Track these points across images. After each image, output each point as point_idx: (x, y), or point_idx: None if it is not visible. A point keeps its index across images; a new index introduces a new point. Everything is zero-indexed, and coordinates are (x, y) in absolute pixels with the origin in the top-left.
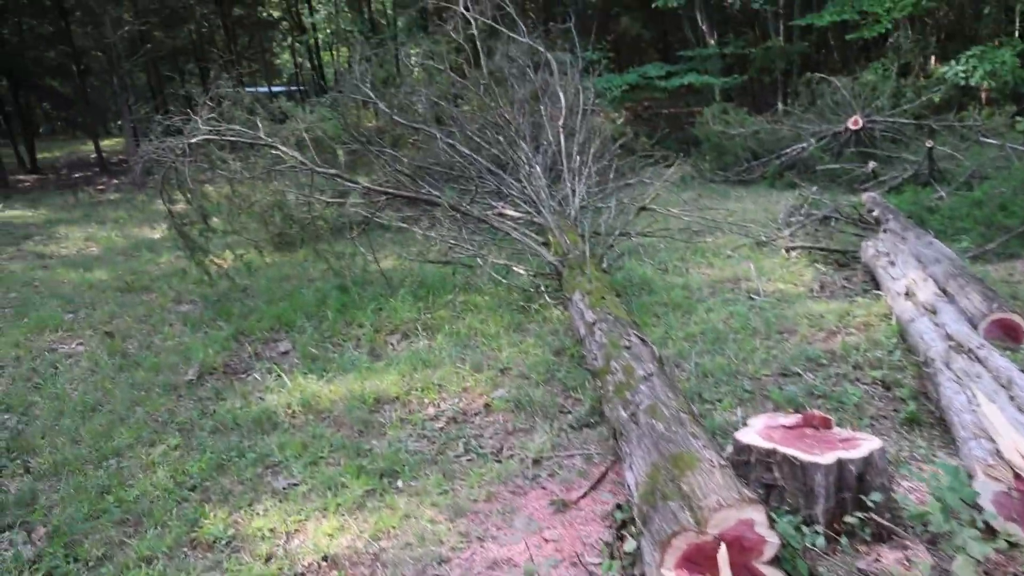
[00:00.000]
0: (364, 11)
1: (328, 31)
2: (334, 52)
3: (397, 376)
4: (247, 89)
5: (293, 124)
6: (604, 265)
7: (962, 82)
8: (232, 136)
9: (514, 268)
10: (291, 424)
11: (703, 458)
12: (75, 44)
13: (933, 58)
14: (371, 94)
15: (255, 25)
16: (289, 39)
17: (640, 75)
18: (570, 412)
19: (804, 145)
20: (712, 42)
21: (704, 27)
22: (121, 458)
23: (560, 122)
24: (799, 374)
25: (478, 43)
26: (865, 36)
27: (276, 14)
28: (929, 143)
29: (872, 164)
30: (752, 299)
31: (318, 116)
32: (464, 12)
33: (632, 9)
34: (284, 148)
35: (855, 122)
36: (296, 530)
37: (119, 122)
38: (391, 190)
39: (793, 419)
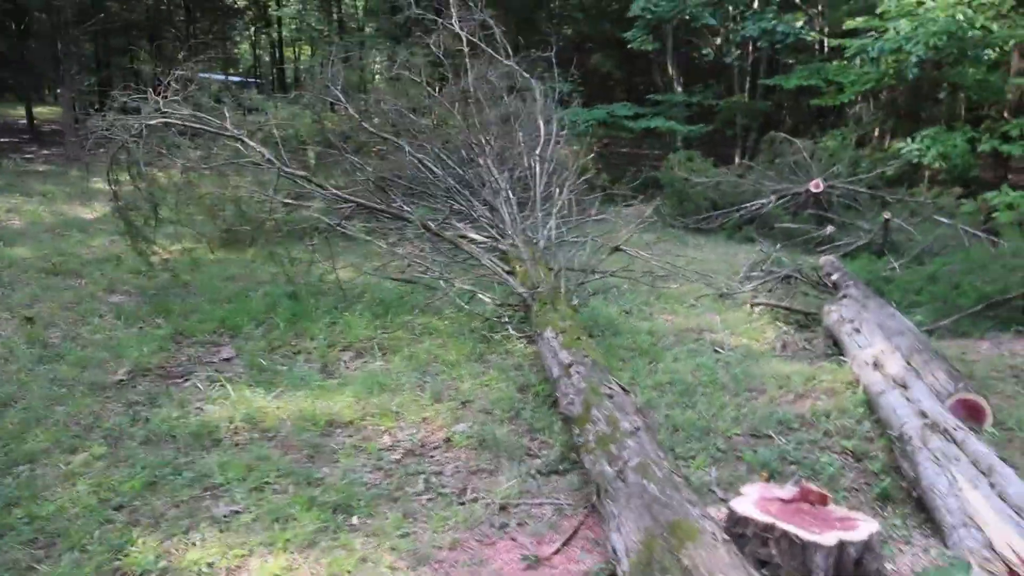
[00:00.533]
0: (333, 12)
1: (293, 27)
2: (296, 49)
3: (351, 398)
4: (202, 75)
5: (262, 118)
6: (574, 302)
7: (915, 159)
8: (196, 123)
9: (479, 295)
10: (234, 442)
11: (704, 529)
12: (17, 1)
13: (885, 133)
14: (341, 96)
15: (218, 10)
16: (252, 29)
17: (609, 113)
18: (537, 456)
19: (764, 201)
20: (679, 89)
21: (673, 74)
22: (35, 465)
23: (538, 151)
24: (770, 436)
25: (467, 59)
26: (826, 104)
27: (241, 2)
28: (887, 215)
29: (831, 228)
30: (717, 352)
31: (290, 113)
32: (451, 26)
33: (607, 47)
34: (252, 143)
35: (816, 185)
36: (238, 566)
37: (58, 90)
38: (361, 200)
39: (789, 492)
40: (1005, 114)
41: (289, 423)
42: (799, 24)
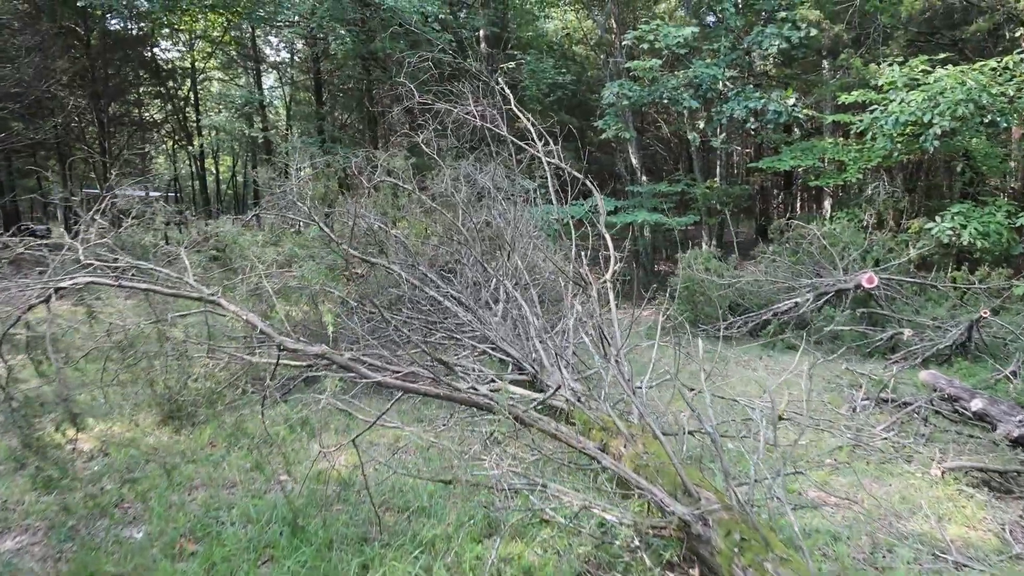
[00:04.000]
0: (255, 120)
1: (212, 138)
2: (216, 161)
3: None
4: (125, 191)
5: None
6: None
7: (947, 240)
8: (139, 282)
9: (599, 513)
10: None
11: None
12: None
13: (901, 212)
14: (314, 216)
15: (135, 124)
16: (171, 143)
17: (588, 209)
18: None
19: (799, 300)
20: (644, 179)
21: (637, 163)
22: None
23: (609, 274)
24: None
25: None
26: (829, 184)
27: (158, 116)
28: (985, 312)
29: (908, 331)
30: (957, 565)
31: (314, 266)
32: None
33: (565, 139)
34: (234, 308)
35: (870, 280)
36: None
37: None
38: (432, 390)
39: None
40: (1013, 184)
41: None
42: (791, 102)
